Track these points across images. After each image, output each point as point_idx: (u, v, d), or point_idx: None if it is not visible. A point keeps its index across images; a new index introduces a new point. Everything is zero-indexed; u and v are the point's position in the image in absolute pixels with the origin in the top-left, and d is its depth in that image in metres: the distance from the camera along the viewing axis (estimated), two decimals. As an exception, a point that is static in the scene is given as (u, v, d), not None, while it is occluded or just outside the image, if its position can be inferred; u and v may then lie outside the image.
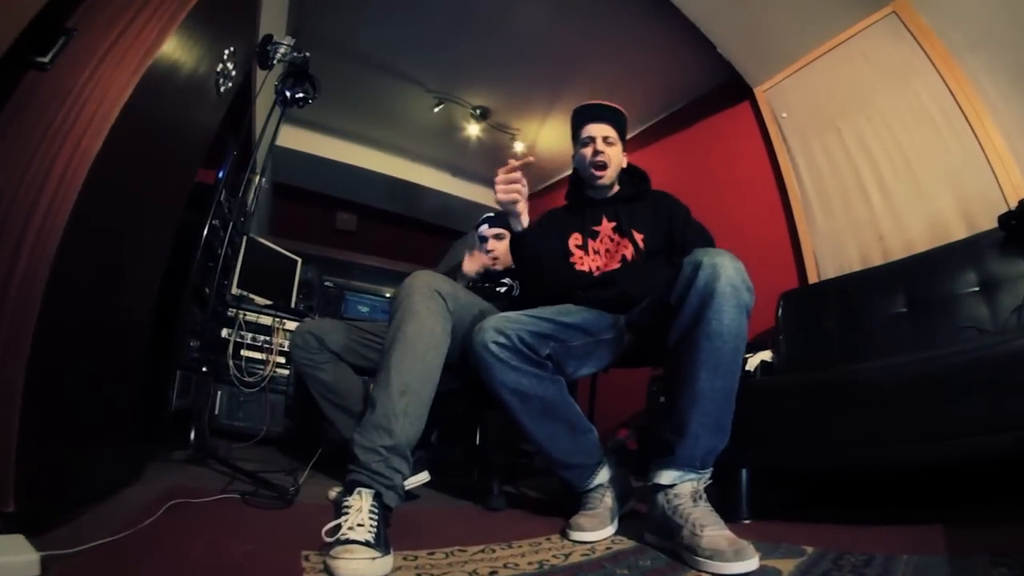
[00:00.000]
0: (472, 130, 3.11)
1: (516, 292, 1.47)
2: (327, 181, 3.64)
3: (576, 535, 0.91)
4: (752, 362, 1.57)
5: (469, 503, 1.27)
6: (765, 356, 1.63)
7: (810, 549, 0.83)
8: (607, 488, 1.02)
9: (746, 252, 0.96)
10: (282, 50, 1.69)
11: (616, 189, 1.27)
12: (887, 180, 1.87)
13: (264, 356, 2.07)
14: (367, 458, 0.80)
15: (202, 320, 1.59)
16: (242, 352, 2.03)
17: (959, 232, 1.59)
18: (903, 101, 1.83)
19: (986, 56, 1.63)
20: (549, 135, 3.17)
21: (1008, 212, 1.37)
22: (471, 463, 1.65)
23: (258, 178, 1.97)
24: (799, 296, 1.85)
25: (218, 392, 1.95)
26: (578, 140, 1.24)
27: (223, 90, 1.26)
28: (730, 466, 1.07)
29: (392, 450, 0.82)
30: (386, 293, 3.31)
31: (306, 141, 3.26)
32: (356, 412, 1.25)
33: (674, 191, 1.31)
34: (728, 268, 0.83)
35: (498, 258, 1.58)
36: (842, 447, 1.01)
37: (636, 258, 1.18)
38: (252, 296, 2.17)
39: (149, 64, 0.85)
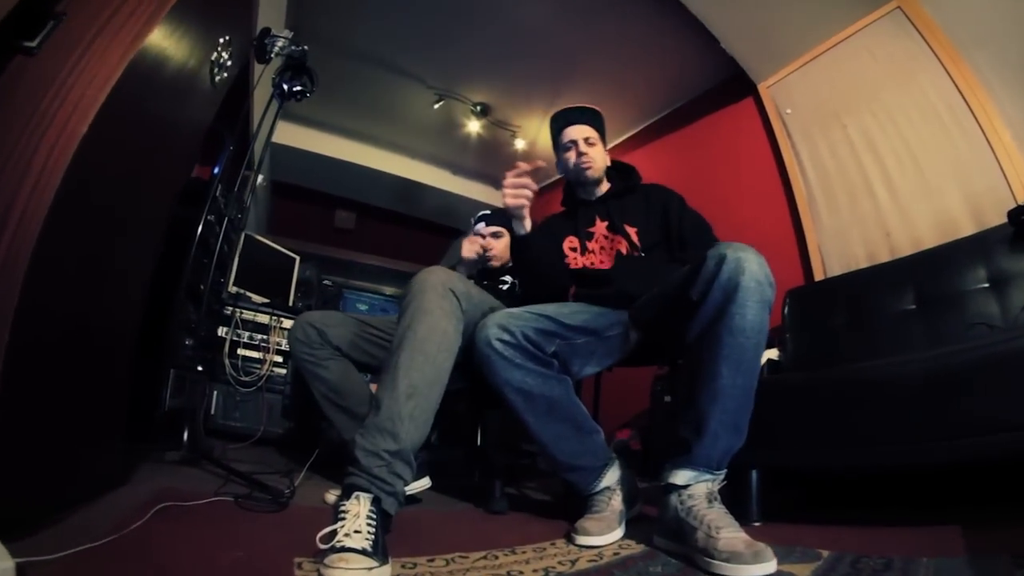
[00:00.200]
0: (472, 127, 3.08)
1: (519, 290, 1.44)
2: (326, 179, 3.61)
3: (582, 539, 0.88)
4: (759, 360, 1.55)
5: (470, 506, 1.24)
6: (772, 354, 1.61)
7: (825, 552, 0.81)
8: (614, 490, 0.99)
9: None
10: (280, 43, 1.67)
11: (606, 187, 1.27)
12: (893, 176, 1.85)
13: (261, 355, 2.04)
14: (368, 462, 0.76)
15: (197, 318, 1.55)
16: (239, 351, 2.00)
17: (967, 228, 1.58)
18: (909, 97, 1.81)
19: (993, 52, 1.62)
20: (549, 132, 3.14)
21: (1018, 207, 1.35)
22: (472, 464, 1.62)
23: (255, 173, 1.94)
24: (805, 293, 1.83)
25: (214, 392, 1.92)
26: (560, 146, 1.25)
27: (218, 80, 1.23)
28: (740, 467, 1.04)
29: (396, 455, 0.77)
30: (386, 291, 3.28)
31: (304, 138, 3.23)
32: (358, 413, 1.19)
33: (677, 188, 1.28)
34: (752, 263, 0.81)
35: (495, 255, 1.56)
36: (857, 447, 0.98)
37: (631, 253, 1.17)
38: (249, 294, 2.14)
39: (138, 49, 0.83)
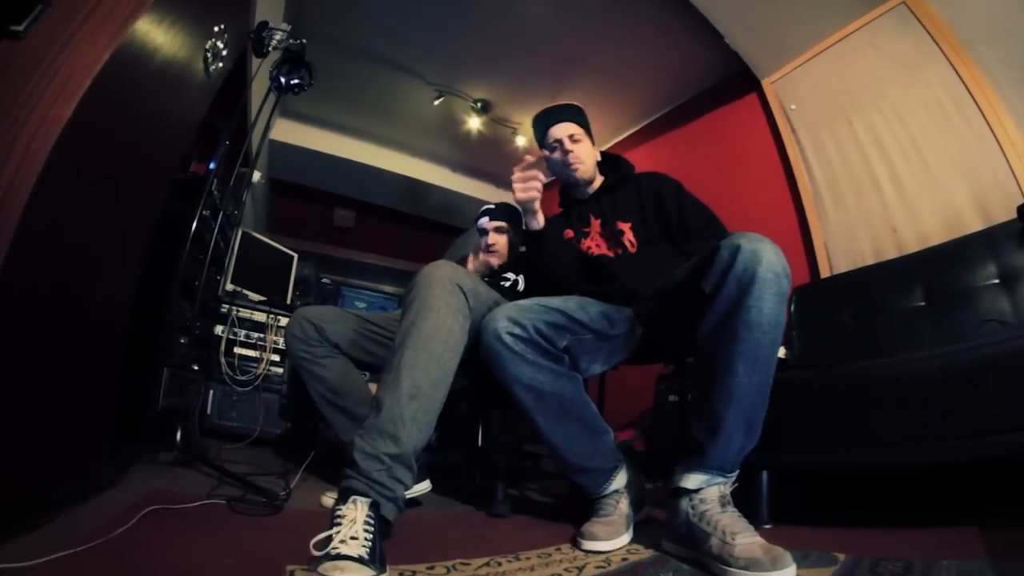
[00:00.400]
0: (473, 124, 3.05)
1: (521, 287, 1.41)
2: (325, 177, 3.57)
3: (589, 544, 0.85)
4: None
5: (471, 509, 1.20)
6: (778, 352, 1.57)
7: (842, 556, 0.77)
8: (622, 494, 0.96)
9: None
10: (278, 36, 1.64)
11: (599, 182, 1.25)
12: (900, 172, 1.83)
13: (258, 354, 2.00)
14: (367, 465, 0.72)
15: (191, 315, 1.51)
16: (235, 349, 1.97)
17: (974, 224, 1.55)
18: (915, 92, 1.79)
19: (999, 47, 1.60)
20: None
21: (1028, 202, 1.32)
22: (473, 465, 1.58)
23: (251, 169, 1.91)
24: (812, 290, 1.80)
25: (210, 391, 1.88)
26: (546, 147, 1.23)
27: (213, 70, 1.20)
28: (750, 468, 1.01)
29: (396, 459, 0.73)
30: (385, 289, 3.24)
31: (303, 135, 3.20)
32: (357, 414, 1.15)
33: (681, 185, 1.26)
34: (769, 253, 0.77)
35: (498, 251, 1.53)
36: (869, 446, 0.95)
37: (629, 250, 1.14)
38: (246, 292, 2.10)
39: (126, 35, 0.79)
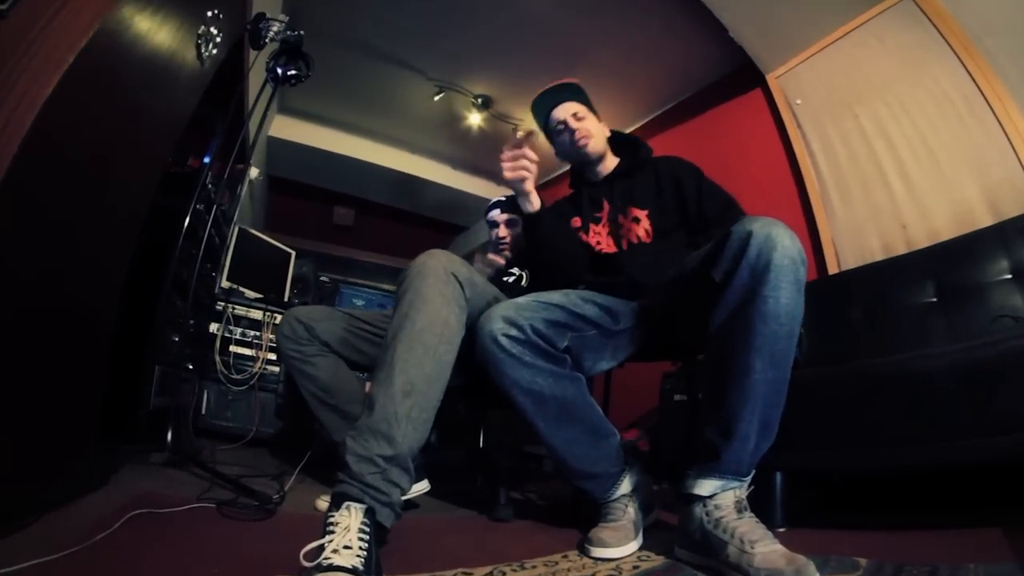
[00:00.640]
0: (473, 120, 3.00)
1: (525, 282, 1.37)
2: (324, 174, 3.53)
3: (598, 551, 0.80)
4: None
5: (473, 513, 1.16)
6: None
7: (863, 561, 0.73)
8: (630, 497, 0.91)
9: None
10: (275, 28, 1.61)
11: (613, 163, 1.19)
12: (908, 167, 1.79)
13: (254, 352, 1.96)
14: (361, 468, 0.67)
15: (184, 312, 1.47)
16: (230, 348, 1.92)
17: (985, 219, 1.52)
18: (922, 86, 1.77)
19: (1007, 40, 1.57)
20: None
21: (1041, 196, 1.28)
22: (474, 468, 1.54)
23: (248, 162, 1.86)
24: (821, 287, 1.76)
25: (204, 390, 1.84)
26: (551, 131, 1.19)
27: (207, 56, 1.16)
28: (763, 469, 0.97)
29: (392, 461, 0.68)
30: (384, 287, 3.21)
31: (302, 132, 3.16)
32: (349, 413, 1.12)
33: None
34: (784, 238, 0.71)
35: (508, 242, 1.52)
36: (888, 446, 0.90)
37: (644, 240, 1.09)
38: (242, 289, 2.06)
39: (109, 14, 0.76)
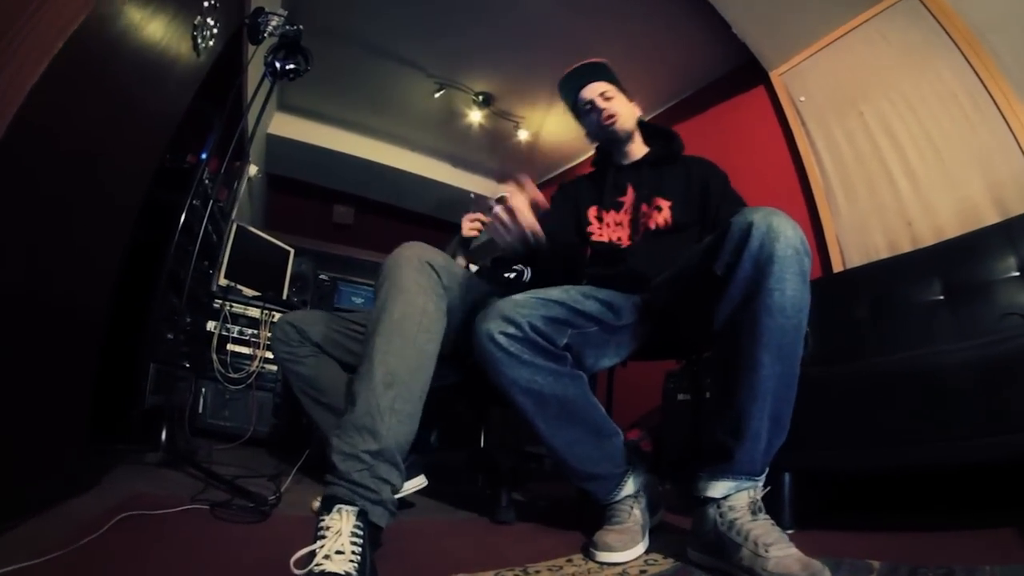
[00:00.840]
0: (474, 117, 2.98)
1: (527, 278, 1.34)
2: (323, 172, 3.51)
3: (604, 556, 0.78)
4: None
5: (474, 515, 1.13)
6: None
7: (877, 564, 0.71)
8: (635, 499, 0.89)
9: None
10: (274, 23, 1.58)
11: (643, 150, 1.17)
12: (914, 164, 1.78)
13: (251, 351, 1.93)
14: (347, 466, 0.65)
15: (180, 309, 1.44)
16: (228, 346, 1.90)
17: (990, 217, 1.51)
18: (927, 83, 1.75)
19: (1011, 36, 1.56)
20: (554, 123, 3.04)
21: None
22: (475, 468, 1.52)
23: (245, 157, 1.84)
24: (825, 284, 1.74)
25: (201, 389, 1.82)
26: (578, 112, 1.18)
27: (202, 47, 1.13)
28: (771, 469, 0.95)
29: (378, 455, 0.66)
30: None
31: (301, 130, 3.14)
32: (341, 410, 1.11)
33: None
34: (787, 228, 0.69)
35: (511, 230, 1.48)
36: (900, 445, 0.89)
37: (664, 228, 1.06)
38: (240, 287, 2.04)
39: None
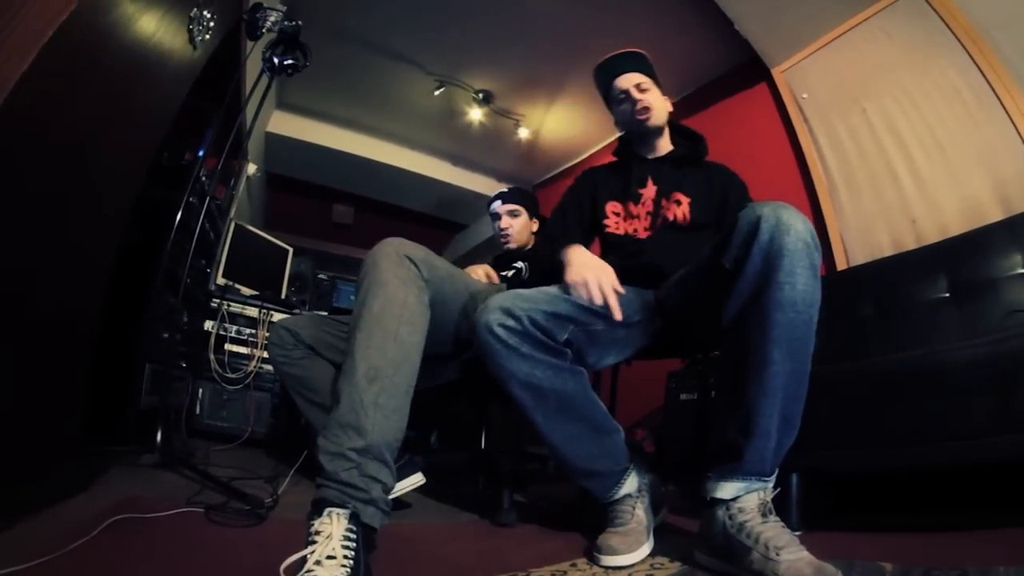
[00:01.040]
0: (474, 115, 2.96)
1: (526, 275, 1.33)
2: (323, 171, 3.49)
3: (608, 560, 0.76)
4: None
5: (475, 517, 1.11)
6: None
7: (889, 566, 0.69)
8: (637, 498, 0.87)
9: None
10: (272, 18, 1.56)
11: (667, 147, 1.16)
12: (918, 161, 1.76)
13: (249, 350, 1.91)
14: (334, 466, 0.63)
15: (176, 308, 1.42)
16: (226, 346, 1.88)
17: (995, 214, 1.50)
18: (930, 80, 1.74)
19: (1015, 33, 1.55)
20: (555, 121, 3.02)
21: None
22: (476, 470, 1.50)
23: (244, 153, 1.82)
24: (830, 282, 1.69)
25: (199, 389, 1.80)
26: (612, 99, 1.15)
27: (198, 40, 1.12)
28: (779, 470, 0.93)
29: (364, 452, 0.64)
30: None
31: (300, 128, 3.12)
32: None
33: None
34: (796, 221, 0.68)
35: (512, 235, 1.51)
36: (911, 444, 0.87)
37: (681, 223, 1.06)
38: (238, 286, 2.02)
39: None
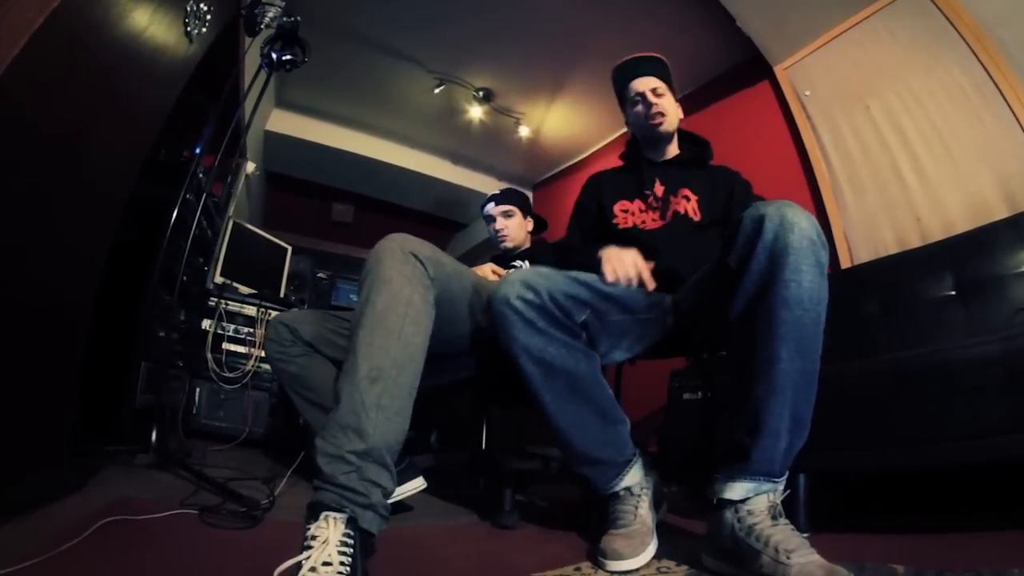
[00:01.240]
0: (474, 113, 2.94)
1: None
2: (322, 169, 3.47)
3: (613, 564, 0.74)
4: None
5: (475, 519, 1.10)
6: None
7: (901, 568, 0.68)
8: (638, 497, 0.85)
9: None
10: (271, 13, 1.55)
11: (675, 151, 1.18)
12: (922, 159, 1.75)
13: (247, 350, 1.89)
14: (333, 469, 0.60)
15: (173, 307, 1.41)
16: (223, 345, 1.86)
17: (1000, 211, 1.49)
18: (934, 77, 1.73)
19: (1020, 30, 1.54)
20: (556, 119, 3.01)
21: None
22: (477, 470, 1.48)
23: (242, 150, 1.80)
24: (834, 280, 1.68)
25: (196, 389, 1.78)
26: (626, 100, 1.16)
27: (194, 34, 1.10)
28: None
29: (365, 456, 0.62)
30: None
31: (299, 126, 3.10)
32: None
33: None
34: (801, 219, 0.67)
35: (508, 236, 1.50)
36: (922, 444, 0.85)
37: (690, 216, 1.07)
38: (236, 285, 2.00)
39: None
